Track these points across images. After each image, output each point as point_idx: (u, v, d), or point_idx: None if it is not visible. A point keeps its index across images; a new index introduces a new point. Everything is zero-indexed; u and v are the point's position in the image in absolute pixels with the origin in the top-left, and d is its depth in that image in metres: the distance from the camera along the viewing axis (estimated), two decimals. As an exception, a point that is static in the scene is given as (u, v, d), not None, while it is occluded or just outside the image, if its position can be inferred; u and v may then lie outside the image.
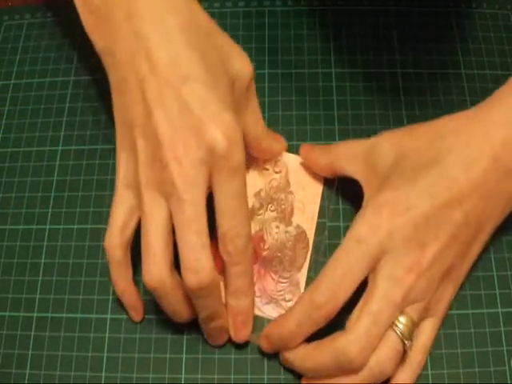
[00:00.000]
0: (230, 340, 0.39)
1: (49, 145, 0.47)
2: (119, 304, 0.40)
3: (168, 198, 0.34)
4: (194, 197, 0.34)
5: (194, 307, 0.36)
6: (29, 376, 0.39)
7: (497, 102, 0.37)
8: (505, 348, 0.39)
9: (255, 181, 0.43)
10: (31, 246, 0.43)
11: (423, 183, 0.36)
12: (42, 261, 0.43)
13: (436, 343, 0.39)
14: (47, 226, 0.44)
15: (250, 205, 0.42)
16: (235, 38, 0.49)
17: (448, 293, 0.38)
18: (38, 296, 0.42)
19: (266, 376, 0.39)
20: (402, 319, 0.35)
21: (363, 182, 0.39)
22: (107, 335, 0.40)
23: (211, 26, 0.37)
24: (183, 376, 0.39)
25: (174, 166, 0.34)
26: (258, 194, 0.43)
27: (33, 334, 0.40)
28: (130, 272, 0.39)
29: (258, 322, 0.39)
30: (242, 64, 0.38)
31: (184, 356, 0.39)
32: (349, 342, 0.34)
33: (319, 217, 0.43)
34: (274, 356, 0.39)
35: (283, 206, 0.42)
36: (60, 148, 0.46)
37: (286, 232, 0.41)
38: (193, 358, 0.39)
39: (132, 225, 0.37)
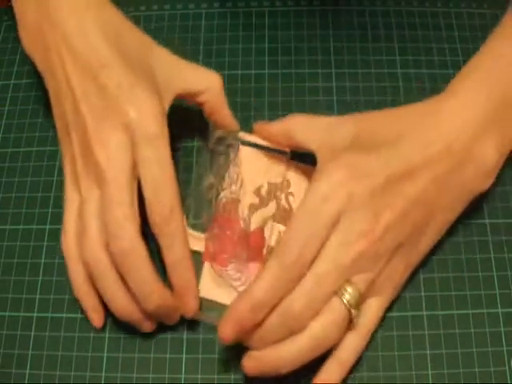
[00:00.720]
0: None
1: (49, 145, 0.47)
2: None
3: (97, 182, 0.37)
4: (117, 173, 0.36)
5: (133, 295, 0.37)
6: (29, 376, 0.39)
7: (448, 97, 0.39)
8: (505, 348, 0.39)
9: (254, 178, 0.43)
10: (31, 246, 0.43)
11: (382, 155, 0.36)
12: (42, 261, 0.43)
13: (436, 343, 0.39)
14: (47, 226, 0.44)
15: (250, 202, 0.42)
16: (235, 38, 0.50)
17: (398, 273, 0.38)
18: (37, 296, 0.42)
19: (265, 376, 0.39)
20: (349, 289, 0.35)
21: (318, 152, 0.39)
22: (107, 335, 0.40)
23: (126, 22, 0.40)
24: (183, 376, 0.39)
25: (98, 151, 0.36)
26: (257, 191, 0.43)
27: (33, 334, 0.40)
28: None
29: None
30: (209, 76, 0.42)
31: (184, 356, 0.39)
32: (292, 299, 0.34)
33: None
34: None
35: (282, 202, 0.42)
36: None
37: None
38: (193, 358, 0.39)
39: None
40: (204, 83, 0.42)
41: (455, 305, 0.40)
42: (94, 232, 0.37)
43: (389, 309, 0.40)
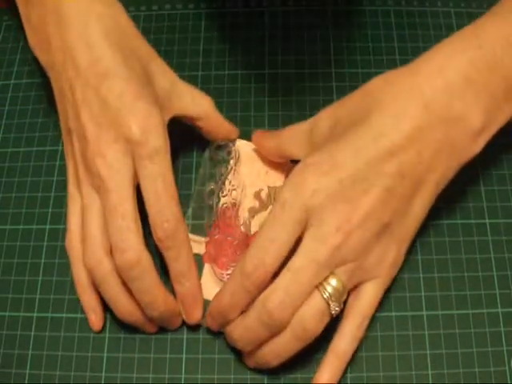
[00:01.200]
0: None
1: (49, 145, 0.47)
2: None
3: (98, 190, 0.37)
4: (118, 184, 0.36)
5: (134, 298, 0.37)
6: (29, 376, 0.39)
7: (426, 59, 0.37)
8: (505, 348, 0.39)
9: (254, 181, 0.43)
10: (31, 246, 0.43)
11: (348, 140, 0.35)
12: (42, 261, 0.43)
13: (436, 343, 0.39)
14: (47, 226, 0.44)
15: (250, 205, 0.42)
16: (235, 39, 0.50)
17: (391, 253, 0.37)
18: (38, 296, 0.42)
19: (265, 376, 0.39)
20: (332, 281, 0.35)
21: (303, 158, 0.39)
22: (107, 335, 0.40)
23: (131, 28, 0.40)
24: (183, 376, 0.39)
25: (99, 161, 0.36)
26: (257, 195, 0.43)
27: (33, 334, 0.40)
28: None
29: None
30: (203, 101, 0.42)
31: (184, 356, 0.40)
32: (267, 295, 0.35)
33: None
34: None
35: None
36: (60, 148, 0.46)
37: None
38: (193, 358, 0.39)
39: None
40: (200, 109, 0.42)
41: (455, 305, 0.40)
42: (96, 238, 0.37)
43: (389, 308, 0.40)
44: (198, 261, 0.40)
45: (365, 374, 0.39)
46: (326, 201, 0.35)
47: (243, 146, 0.44)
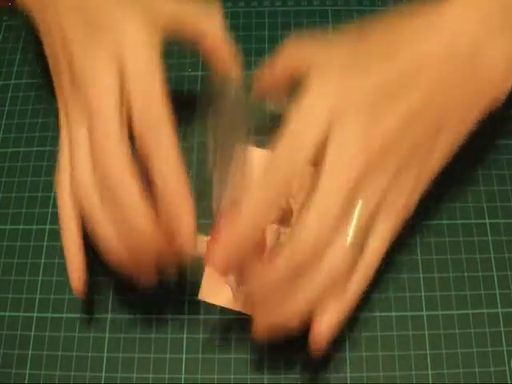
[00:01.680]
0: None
1: (49, 145, 0.47)
2: (119, 304, 0.41)
3: (85, 114, 0.35)
4: (107, 105, 0.34)
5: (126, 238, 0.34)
6: (29, 376, 0.39)
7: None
8: (505, 348, 0.39)
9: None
10: (31, 246, 0.43)
11: (374, 67, 0.34)
12: (42, 261, 0.43)
13: (436, 343, 0.39)
14: (47, 226, 0.44)
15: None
16: (235, 38, 0.50)
17: (407, 188, 0.34)
18: (38, 296, 0.42)
19: (265, 376, 0.39)
20: (355, 213, 0.32)
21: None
22: (107, 335, 0.40)
23: None
24: (183, 376, 0.39)
25: (87, 74, 0.35)
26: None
27: (33, 334, 0.40)
28: (80, 221, 0.37)
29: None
30: (211, 16, 0.40)
31: (184, 356, 0.40)
32: (296, 236, 0.32)
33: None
34: (274, 356, 0.39)
35: (284, 206, 0.42)
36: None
37: (285, 233, 0.41)
38: (193, 358, 0.39)
39: None
40: (205, 24, 0.39)
41: (455, 305, 0.40)
42: (85, 168, 0.35)
43: (389, 308, 0.40)
44: (199, 261, 0.40)
45: (365, 374, 0.39)
46: (352, 109, 0.32)
47: (257, 154, 0.44)
